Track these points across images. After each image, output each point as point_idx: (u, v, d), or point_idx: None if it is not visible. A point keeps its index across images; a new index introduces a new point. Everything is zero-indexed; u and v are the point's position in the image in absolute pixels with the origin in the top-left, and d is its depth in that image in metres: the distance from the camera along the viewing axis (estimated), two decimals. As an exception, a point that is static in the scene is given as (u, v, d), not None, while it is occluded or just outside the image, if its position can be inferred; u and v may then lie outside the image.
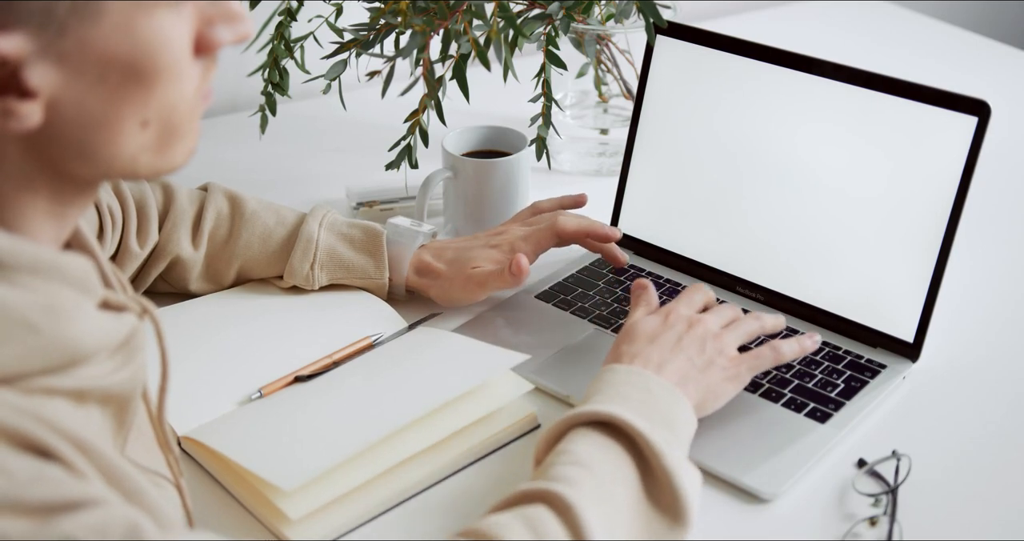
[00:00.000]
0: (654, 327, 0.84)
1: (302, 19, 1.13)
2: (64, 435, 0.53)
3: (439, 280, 0.99)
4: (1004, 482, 0.83)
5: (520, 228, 1.02)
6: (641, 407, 0.76)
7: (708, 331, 0.84)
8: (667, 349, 0.82)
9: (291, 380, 0.91)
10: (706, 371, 0.81)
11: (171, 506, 0.65)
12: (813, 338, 0.88)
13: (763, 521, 0.79)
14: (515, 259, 0.95)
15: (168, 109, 0.55)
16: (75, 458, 0.53)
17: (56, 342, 0.53)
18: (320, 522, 0.77)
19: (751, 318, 0.87)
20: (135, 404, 0.61)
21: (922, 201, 0.91)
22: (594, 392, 0.78)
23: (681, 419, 0.78)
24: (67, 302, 0.54)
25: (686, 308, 0.86)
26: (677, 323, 0.84)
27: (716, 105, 1.02)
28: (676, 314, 0.85)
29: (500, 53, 1.01)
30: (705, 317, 0.85)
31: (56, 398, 0.54)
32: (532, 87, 1.12)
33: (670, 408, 0.77)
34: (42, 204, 0.56)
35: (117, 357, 0.58)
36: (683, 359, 0.81)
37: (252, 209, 1.00)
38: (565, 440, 0.75)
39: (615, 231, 1.02)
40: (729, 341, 0.84)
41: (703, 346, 0.82)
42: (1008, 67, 1.57)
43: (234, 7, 0.56)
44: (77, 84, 0.51)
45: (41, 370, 0.53)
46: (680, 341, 0.82)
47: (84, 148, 0.54)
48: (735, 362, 0.83)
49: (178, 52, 0.54)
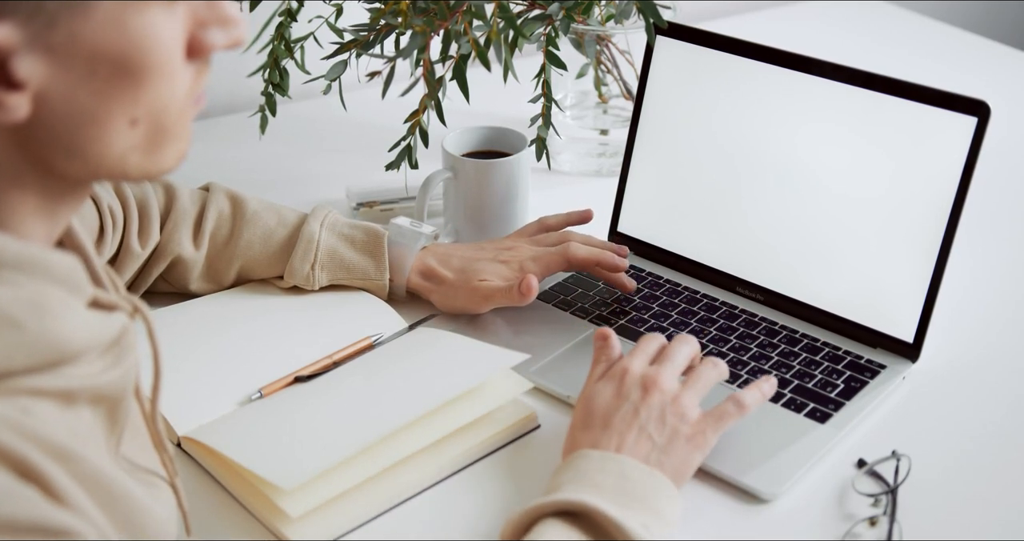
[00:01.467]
0: (608, 401, 0.79)
1: (302, 19, 1.13)
2: (44, 446, 0.52)
3: (443, 286, 0.99)
4: (1004, 482, 0.83)
5: (530, 247, 1.01)
6: (617, 494, 0.72)
7: (665, 396, 0.78)
8: (625, 429, 0.77)
9: (291, 380, 0.91)
10: (670, 446, 0.77)
11: (165, 507, 0.65)
12: (770, 381, 0.83)
13: (763, 521, 0.79)
14: (526, 279, 0.94)
15: (158, 109, 0.54)
16: (55, 473, 0.52)
17: (41, 340, 0.53)
18: (320, 522, 0.77)
19: (708, 367, 0.82)
20: (127, 403, 0.60)
21: (922, 201, 0.91)
22: (565, 481, 0.74)
23: (664, 498, 0.74)
24: (53, 300, 0.54)
25: (640, 363, 0.81)
26: (632, 390, 0.79)
27: (716, 105, 1.02)
28: (631, 377, 0.80)
29: (500, 53, 1.02)
30: (661, 375, 0.79)
31: (42, 400, 0.53)
32: (532, 87, 1.12)
33: (649, 490, 0.73)
34: (32, 201, 0.55)
35: (108, 356, 0.58)
36: (644, 439, 0.76)
37: (253, 209, 1.00)
38: (533, 532, 0.70)
39: (624, 261, 1.00)
40: (688, 402, 0.79)
41: (663, 418, 0.77)
42: (1008, 67, 1.57)
43: (229, 10, 0.56)
44: (66, 77, 0.51)
45: (26, 368, 0.52)
46: (637, 415, 0.77)
47: (72, 144, 0.53)
48: (699, 426, 0.78)
49: (169, 51, 0.53)
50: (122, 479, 0.56)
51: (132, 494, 0.57)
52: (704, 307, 1.01)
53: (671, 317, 1.00)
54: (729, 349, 0.95)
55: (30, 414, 0.52)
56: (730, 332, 0.97)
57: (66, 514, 0.51)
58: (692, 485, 0.82)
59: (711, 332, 0.97)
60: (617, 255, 1.00)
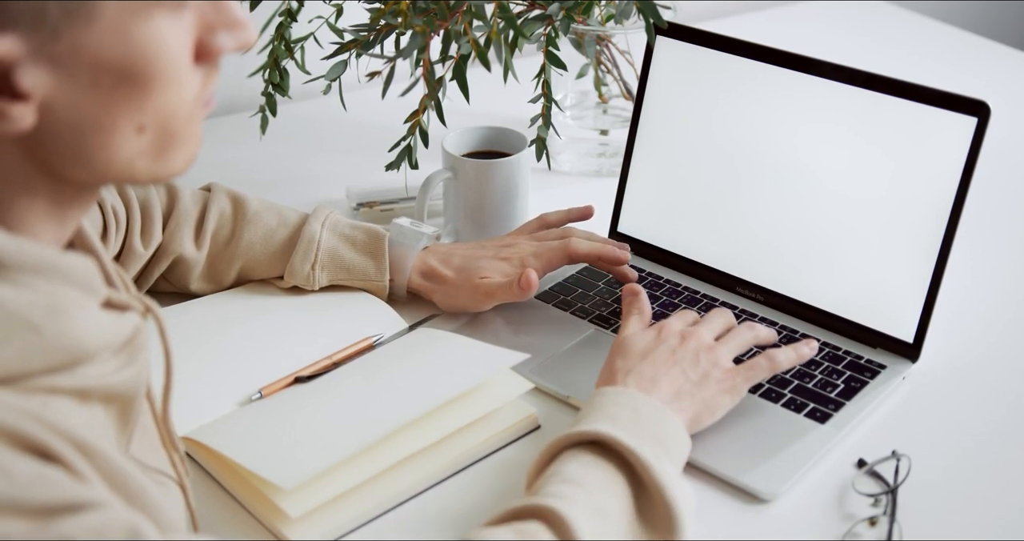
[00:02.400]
0: (647, 342, 0.84)
1: (302, 20, 1.13)
2: (66, 436, 0.53)
3: (444, 286, 0.99)
4: (1004, 482, 0.83)
5: (530, 243, 1.01)
6: (630, 425, 0.76)
7: (702, 344, 0.84)
8: (661, 364, 0.82)
9: (291, 381, 0.91)
10: (701, 384, 0.82)
11: (175, 505, 0.65)
12: (810, 345, 0.88)
13: (763, 521, 0.79)
14: (525, 273, 0.94)
15: (165, 115, 0.54)
16: (76, 460, 0.53)
17: (58, 342, 0.53)
18: (320, 522, 0.77)
19: (744, 328, 0.87)
20: (139, 403, 0.61)
21: (922, 201, 0.91)
22: (583, 415, 0.78)
23: (672, 436, 0.77)
24: (69, 302, 0.54)
25: (678, 323, 0.86)
26: (670, 337, 0.84)
27: (716, 106, 1.02)
28: (669, 329, 0.85)
29: (500, 54, 1.02)
30: (698, 330, 0.85)
31: (59, 397, 0.54)
32: (532, 88, 1.12)
33: (660, 426, 0.77)
34: (41, 206, 0.55)
35: (121, 356, 0.58)
36: (677, 373, 0.81)
37: (255, 210, 1.00)
38: (556, 462, 0.75)
39: (625, 254, 1.01)
40: (723, 353, 0.84)
41: (697, 359, 0.83)
42: (1008, 67, 1.57)
43: (237, 14, 0.56)
44: (71, 87, 0.51)
45: (43, 370, 0.53)
46: (674, 354, 0.83)
47: (79, 152, 0.53)
48: (730, 374, 0.83)
49: (175, 58, 0.53)
50: (138, 475, 0.57)
51: (147, 490, 0.57)
52: (704, 307, 1.01)
53: (671, 317, 1.00)
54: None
55: (49, 408, 0.53)
56: (730, 332, 0.97)
57: (91, 489, 0.52)
58: (692, 485, 0.82)
59: (711, 332, 0.97)
60: (618, 248, 1.01)
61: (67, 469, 0.52)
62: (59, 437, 0.52)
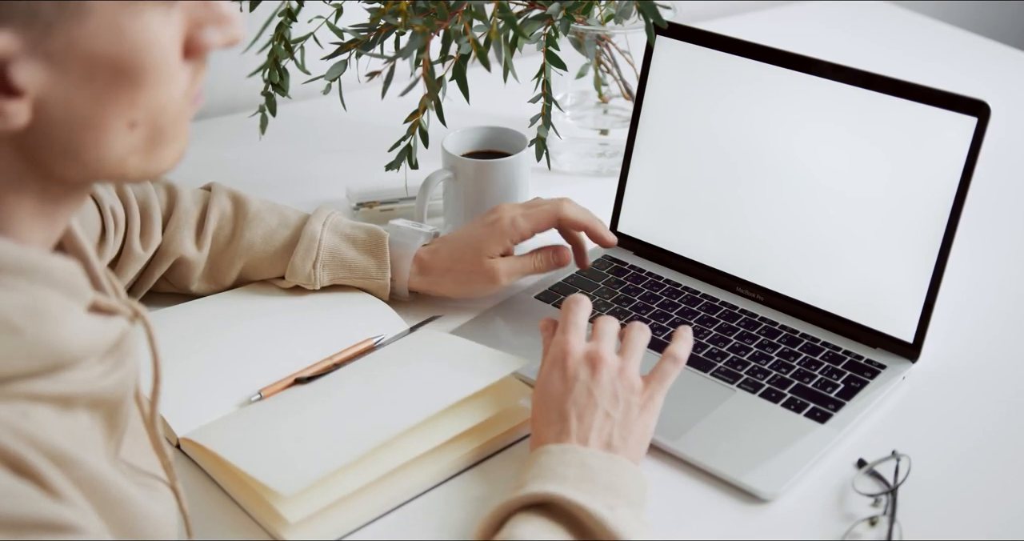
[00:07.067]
0: (559, 384, 0.80)
1: (302, 20, 1.13)
2: (41, 449, 0.52)
3: (449, 275, 0.99)
4: (1004, 482, 0.83)
5: (513, 206, 1.01)
6: (581, 482, 0.73)
7: (611, 371, 0.80)
8: (584, 415, 0.78)
9: (291, 382, 0.91)
10: (627, 417, 0.79)
11: (167, 510, 0.65)
12: (687, 330, 0.86)
13: (763, 521, 0.79)
14: (557, 250, 1.00)
15: (156, 111, 0.54)
16: (51, 474, 0.52)
17: (40, 344, 0.52)
18: (319, 524, 0.77)
19: (637, 332, 0.85)
20: (126, 408, 0.60)
21: (922, 201, 0.91)
22: (530, 477, 0.75)
23: (625, 481, 0.75)
24: (52, 304, 0.54)
25: (576, 339, 0.82)
26: (579, 371, 0.80)
27: (716, 106, 1.02)
28: (572, 358, 0.81)
29: (500, 54, 1.02)
30: (600, 352, 0.81)
31: (39, 405, 0.53)
32: (532, 88, 1.12)
33: (610, 474, 0.75)
34: (30, 204, 0.55)
35: (107, 361, 0.58)
36: (602, 417, 0.78)
37: (255, 210, 1.00)
38: (507, 526, 0.71)
39: (613, 237, 1.01)
40: (632, 372, 0.81)
41: (615, 393, 0.79)
42: (1008, 67, 1.57)
43: (225, 9, 0.56)
44: (64, 83, 0.51)
45: (24, 373, 0.52)
46: (592, 395, 0.79)
47: (71, 148, 0.53)
48: (647, 392, 0.81)
49: (166, 53, 0.53)
50: (120, 483, 0.56)
51: (130, 498, 0.56)
52: (704, 307, 1.01)
53: (671, 317, 1.00)
54: (729, 349, 0.95)
55: (28, 418, 0.52)
56: (730, 332, 0.97)
57: (65, 509, 0.51)
58: (692, 485, 0.82)
59: (711, 332, 0.97)
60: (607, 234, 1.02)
61: (40, 485, 0.51)
62: (34, 449, 0.51)
